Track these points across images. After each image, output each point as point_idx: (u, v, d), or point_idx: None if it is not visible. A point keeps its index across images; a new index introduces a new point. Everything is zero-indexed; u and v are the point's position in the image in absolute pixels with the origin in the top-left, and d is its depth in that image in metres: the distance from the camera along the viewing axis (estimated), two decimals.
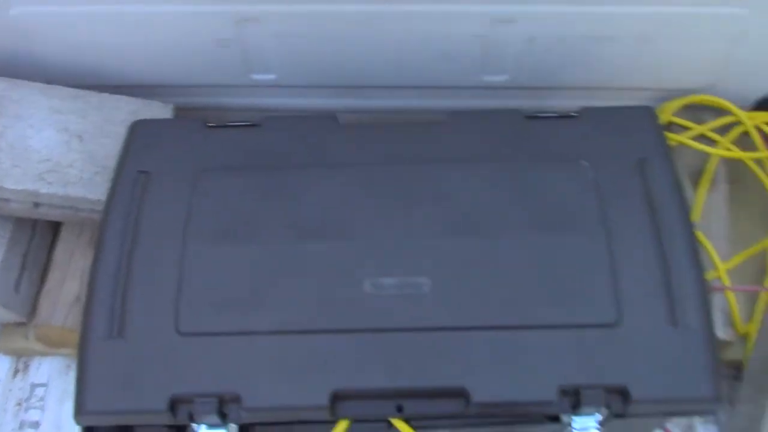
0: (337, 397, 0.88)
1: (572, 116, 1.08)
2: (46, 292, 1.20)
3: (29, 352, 1.26)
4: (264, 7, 1.18)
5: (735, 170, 1.32)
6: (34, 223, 1.25)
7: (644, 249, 0.96)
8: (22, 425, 1.23)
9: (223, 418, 0.89)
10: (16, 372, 1.27)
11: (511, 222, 0.98)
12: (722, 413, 1.20)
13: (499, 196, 1.00)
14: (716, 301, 1.17)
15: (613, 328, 0.91)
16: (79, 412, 0.89)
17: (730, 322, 1.17)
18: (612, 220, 0.98)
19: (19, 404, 1.24)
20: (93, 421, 0.90)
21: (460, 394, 0.88)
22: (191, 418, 0.89)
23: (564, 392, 0.88)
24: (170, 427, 0.91)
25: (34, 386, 1.26)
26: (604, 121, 1.07)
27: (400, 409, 0.89)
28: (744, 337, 1.20)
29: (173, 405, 0.88)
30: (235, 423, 0.90)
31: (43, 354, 1.26)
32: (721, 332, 1.15)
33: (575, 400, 0.89)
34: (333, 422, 0.90)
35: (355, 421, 0.90)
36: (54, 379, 1.26)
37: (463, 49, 1.24)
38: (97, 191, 1.14)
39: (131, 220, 0.98)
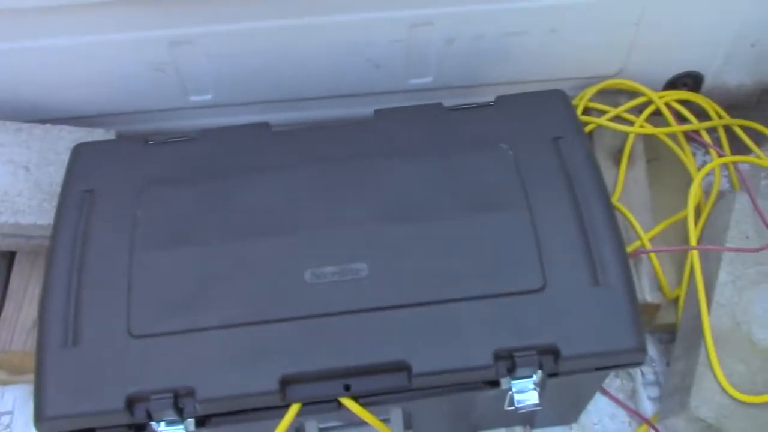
0: (286, 382, 0.93)
1: (489, 105, 1.15)
2: (3, 320, 1.23)
3: None
4: (194, 29, 1.24)
5: (652, 148, 1.41)
6: None
7: (564, 219, 1.03)
8: None
9: (180, 414, 0.93)
10: None
11: (440, 206, 1.04)
12: (661, 374, 1.28)
13: (427, 183, 1.06)
14: (643, 267, 1.24)
15: (540, 293, 0.97)
16: (39, 419, 0.92)
17: (658, 286, 1.24)
18: (533, 195, 1.04)
19: None
20: (54, 428, 0.93)
21: (403, 367, 0.94)
22: (149, 416, 0.93)
23: (499, 357, 0.94)
24: (130, 427, 0.95)
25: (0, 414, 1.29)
26: (518, 106, 1.14)
27: (347, 388, 0.94)
28: (675, 301, 1.28)
29: (130, 404, 0.92)
30: (192, 417, 0.94)
31: (6, 383, 1.29)
32: (649, 296, 1.22)
33: (510, 364, 0.95)
34: (285, 407, 0.94)
35: (306, 403, 0.95)
36: (19, 406, 1.28)
37: (386, 55, 1.31)
38: (46, 217, 1.18)
39: (79, 235, 1.03)
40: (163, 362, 0.94)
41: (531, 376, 0.96)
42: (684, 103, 1.41)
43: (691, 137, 1.38)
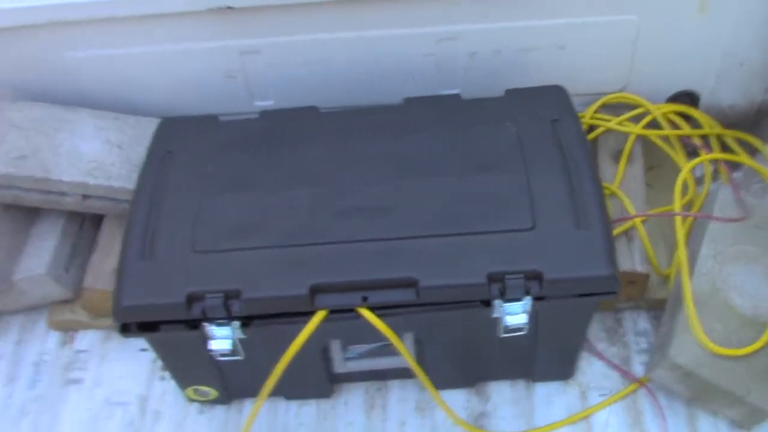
0: (314, 290, 1.14)
1: (500, 97, 1.38)
2: (90, 266, 1.48)
3: (75, 325, 1.53)
4: (261, 40, 1.52)
5: (653, 156, 1.60)
6: (82, 219, 1.56)
7: (555, 178, 1.23)
8: (68, 383, 1.47)
9: (228, 313, 1.15)
10: (63, 343, 1.53)
11: (451, 166, 1.27)
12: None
13: (442, 150, 1.29)
14: (635, 244, 1.41)
15: (529, 231, 1.17)
16: (115, 308, 1.15)
17: (647, 259, 1.41)
18: (530, 160, 1.26)
19: (65, 367, 1.50)
20: (127, 316, 1.16)
21: (412, 283, 1.14)
22: (203, 314, 1.15)
23: (492, 279, 1.13)
24: (187, 324, 1.17)
25: (78, 352, 1.51)
26: (524, 96, 1.37)
27: (365, 299, 1.14)
28: (666, 278, 1.44)
29: (189, 301, 1.14)
30: (238, 318, 1.15)
31: (87, 326, 1.53)
32: (639, 267, 1.39)
33: (502, 287, 1.13)
34: (313, 314, 1.15)
35: (331, 312, 1.15)
36: (95, 347, 1.52)
37: (420, 67, 1.56)
38: (134, 183, 1.44)
39: (160, 180, 1.29)
40: (218, 271, 1.17)
41: (519, 299, 1.14)
42: (685, 120, 1.61)
43: (685, 142, 1.57)
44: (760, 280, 1.35)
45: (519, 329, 1.16)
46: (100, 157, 1.48)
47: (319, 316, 1.15)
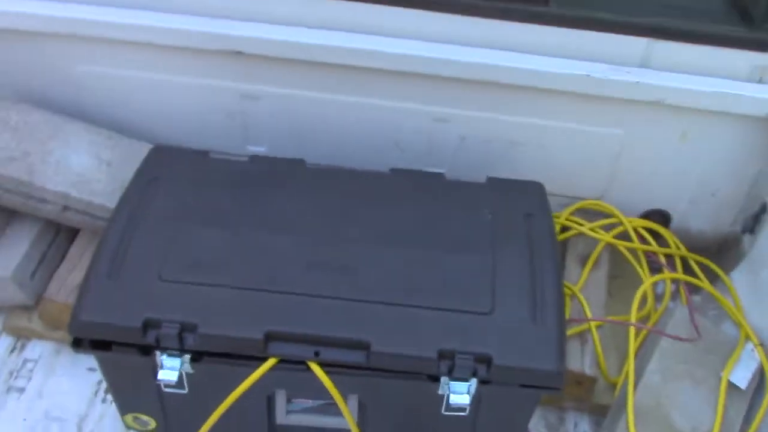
0: (269, 337, 1.16)
1: (482, 183, 1.43)
2: (56, 277, 1.49)
3: (29, 333, 1.53)
4: (265, 88, 1.58)
5: (618, 267, 1.65)
6: (58, 229, 1.58)
7: (520, 270, 1.27)
8: (9, 390, 1.47)
9: (181, 344, 1.16)
10: (13, 350, 1.53)
11: (422, 241, 1.31)
12: None
13: (418, 225, 1.34)
14: (588, 347, 1.45)
15: (487, 316, 1.20)
16: (72, 321, 1.16)
17: (597, 363, 1.44)
18: (499, 248, 1.30)
19: (10, 374, 1.49)
20: (82, 330, 1.17)
21: (365, 346, 1.16)
22: (157, 342, 1.16)
23: (442, 355, 1.16)
24: (139, 349, 1.18)
25: (26, 361, 1.51)
26: (504, 187, 1.42)
27: (317, 354, 1.16)
28: (613, 385, 1.47)
29: (145, 326, 1.15)
30: (190, 351, 1.16)
31: (41, 336, 1.53)
32: (588, 370, 1.42)
33: (451, 365, 1.16)
34: (264, 360, 1.16)
35: (281, 361, 1.17)
36: (44, 358, 1.52)
37: (411, 140, 1.62)
38: (115, 203, 1.46)
39: (141, 203, 1.31)
40: (179, 302, 1.19)
41: (466, 380, 1.17)
42: (654, 237, 1.67)
43: (651, 259, 1.62)
44: (702, 402, 1.38)
45: (461, 409, 1.18)
46: (87, 171, 1.51)
47: (270, 362, 1.16)
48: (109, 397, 1.44)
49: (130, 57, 1.55)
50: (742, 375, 1.43)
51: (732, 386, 1.41)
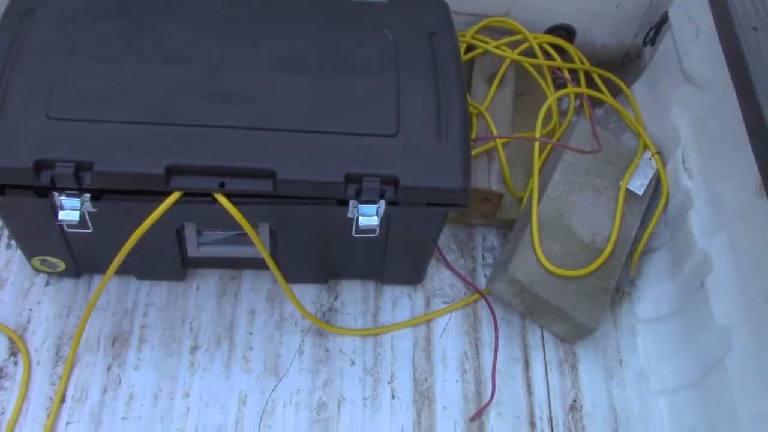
0: (171, 171, 1.13)
1: (383, 2, 1.38)
2: None
3: None
4: None
5: (524, 83, 1.66)
6: None
7: (425, 91, 1.25)
8: None
9: (79, 184, 1.12)
10: None
11: (325, 65, 1.26)
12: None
13: (318, 47, 1.28)
14: (494, 164, 1.47)
15: (392, 138, 1.19)
16: None
17: (503, 179, 1.48)
18: (403, 69, 1.27)
19: None
20: None
21: (270, 174, 1.14)
22: (53, 182, 1.11)
23: (349, 179, 1.15)
24: (36, 191, 1.13)
25: None
26: (406, 6, 1.37)
27: (222, 185, 1.14)
28: (519, 200, 1.52)
29: (38, 167, 1.10)
30: (88, 190, 1.13)
31: None
32: (495, 186, 1.45)
33: (358, 188, 1.16)
34: (168, 194, 1.14)
35: (186, 194, 1.14)
36: None
37: None
38: None
39: (17, 38, 1.21)
40: (71, 140, 1.13)
41: (374, 202, 1.18)
42: (559, 53, 1.66)
43: (556, 74, 1.63)
44: (602, 210, 1.45)
45: (371, 230, 1.20)
46: None
47: (173, 197, 1.14)
48: (14, 242, 1.40)
49: None
50: (639, 182, 1.49)
51: (630, 193, 1.48)
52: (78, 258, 1.35)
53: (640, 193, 1.48)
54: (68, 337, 1.35)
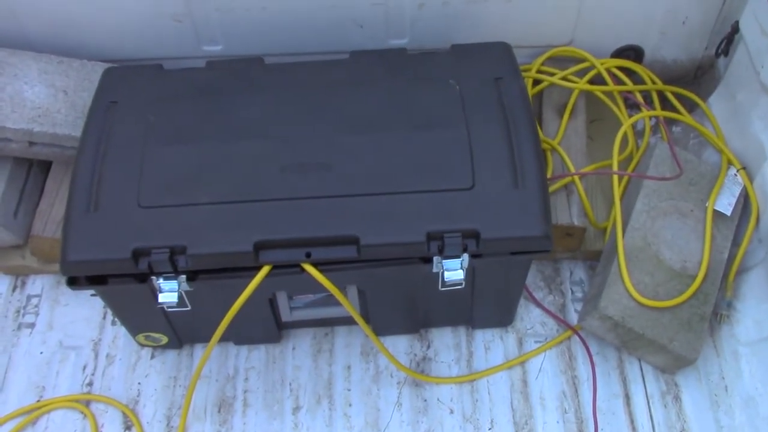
0: (258, 246, 1.17)
1: (445, 51, 1.39)
2: (39, 213, 1.49)
3: (25, 270, 1.54)
4: None
5: (596, 110, 1.64)
6: (30, 164, 1.55)
7: (496, 138, 1.26)
8: (20, 327, 1.50)
9: (174, 267, 1.18)
10: (14, 288, 1.55)
11: (394, 123, 1.29)
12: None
13: (385, 106, 1.31)
14: (574, 198, 1.47)
15: (469, 191, 1.21)
16: (63, 263, 1.17)
17: (584, 213, 1.46)
18: (471, 119, 1.28)
19: (17, 311, 1.52)
20: (74, 271, 1.18)
21: (353, 241, 1.17)
22: (150, 268, 1.17)
23: (431, 237, 1.17)
24: (135, 277, 1.19)
25: (30, 297, 1.54)
26: (469, 53, 1.38)
27: (308, 255, 1.18)
28: (603, 231, 1.50)
29: (135, 256, 1.16)
30: (184, 272, 1.18)
31: (37, 271, 1.54)
32: (576, 220, 1.44)
33: (440, 244, 1.18)
34: (258, 269, 1.18)
35: (275, 267, 1.18)
36: (46, 291, 1.54)
37: (369, 16, 1.56)
38: (79, 130, 1.43)
39: (104, 132, 1.28)
40: (163, 226, 1.19)
41: (458, 256, 1.19)
42: (628, 75, 1.64)
43: (626, 98, 1.61)
44: (690, 234, 1.42)
45: (457, 284, 1.21)
46: (45, 103, 1.47)
47: (263, 271, 1.18)
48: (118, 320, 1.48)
49: None
50: (726, 202, 1.45)
51: (718, 214, 1.44)
52: (179, 331, 1.41)
53: (729, 213, 1.44)
54: (177, 407, 1.41)
